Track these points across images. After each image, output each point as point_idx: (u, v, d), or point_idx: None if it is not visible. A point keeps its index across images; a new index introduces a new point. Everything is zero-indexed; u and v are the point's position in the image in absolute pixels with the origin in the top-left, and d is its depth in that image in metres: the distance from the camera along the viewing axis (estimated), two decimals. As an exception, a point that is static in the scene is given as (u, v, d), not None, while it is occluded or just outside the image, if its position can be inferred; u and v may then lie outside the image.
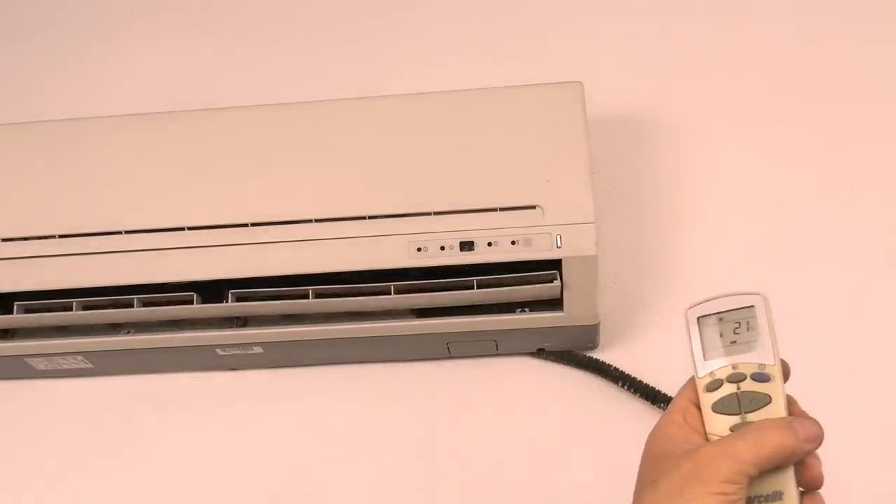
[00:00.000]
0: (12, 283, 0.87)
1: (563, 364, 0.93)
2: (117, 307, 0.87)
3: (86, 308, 0.87)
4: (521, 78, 0.92)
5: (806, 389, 0.89)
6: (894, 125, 1.03)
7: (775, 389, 0.54)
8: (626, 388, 0.90)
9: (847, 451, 0.86)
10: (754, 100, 1.07)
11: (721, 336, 0.56)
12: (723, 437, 0.53)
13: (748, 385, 0.54)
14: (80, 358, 0.93)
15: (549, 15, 1.18)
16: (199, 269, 0.85)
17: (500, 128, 0.88)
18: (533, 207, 0.83)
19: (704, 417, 0.55)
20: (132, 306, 0.86)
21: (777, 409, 0.54)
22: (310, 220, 0.85)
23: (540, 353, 0.94)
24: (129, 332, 0.90)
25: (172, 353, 0.92)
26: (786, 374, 0.58)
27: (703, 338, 0.57)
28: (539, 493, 0.86)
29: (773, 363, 0.55)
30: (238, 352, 0.92)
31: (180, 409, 0.96)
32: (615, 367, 0.91)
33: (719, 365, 0.56)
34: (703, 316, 0.58)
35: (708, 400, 0.55)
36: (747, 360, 0.55)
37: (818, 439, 0.54)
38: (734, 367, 0.55)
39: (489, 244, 0.82)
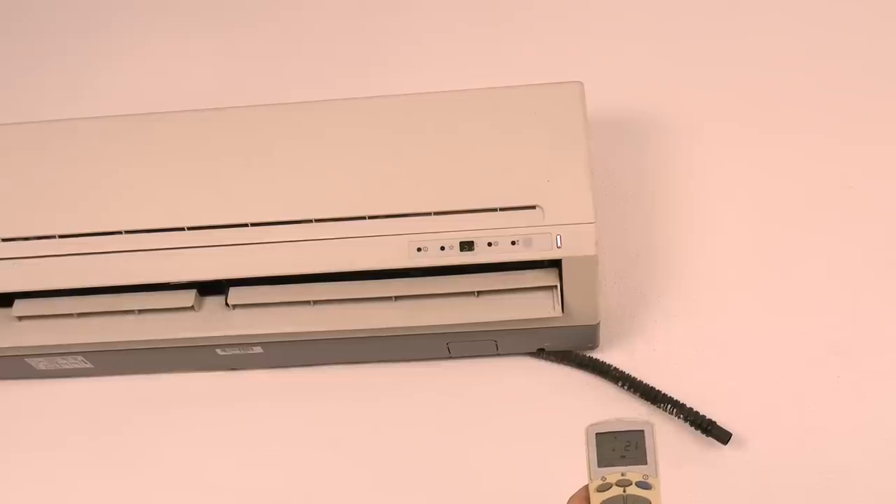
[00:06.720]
0: (12, 283, 0.87)
1: (563, 364, 0.93)
2: (118, 308, 0.87)
3: (82, 314, 0.88)
4: (521, 78, 0.92)
5: (806, 390, 0.89)
6: (894, 125, 1.03)
7: (656, 497, 0.63)
8: (626, 388, 0.90)
9: (847, 455, 0.86)
10: (754, 100, 1.07)
11: (613, 450, 0.64)
12: None
13: (633, 490, 0.63)
14: (80, 358, 0.93)
15: (548, 15, 1.18)
16: (199, 269, 0.85)
17: (500, 128, 0.88)
18: (533, 207, 0.83)
19: None
20: (132, 307, 0.87)
21: None
22: (310, 220, 0.85)
23: (540, 353, 0.94)
24: (129, 333, 0.90)
25: (172, 353, 0.92)
26: None
27: (599, 450, 0.65)
28: (538, 492, 0.86)
29: (655, 476, 0.63)
30: (238, 352, 0.92)
31: (180, 409, 0.96)
32: (615, 367, 0.91)
33: (610, 472, 0.64)
34: (601, 433, 0.66)
35: (598, 498, 0.63)
36: (634, 471, 0.64)
37: None
38: (622, 474, 0.64)
39: (489, 244, 0.82)
